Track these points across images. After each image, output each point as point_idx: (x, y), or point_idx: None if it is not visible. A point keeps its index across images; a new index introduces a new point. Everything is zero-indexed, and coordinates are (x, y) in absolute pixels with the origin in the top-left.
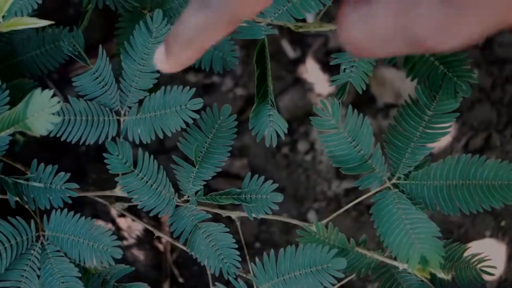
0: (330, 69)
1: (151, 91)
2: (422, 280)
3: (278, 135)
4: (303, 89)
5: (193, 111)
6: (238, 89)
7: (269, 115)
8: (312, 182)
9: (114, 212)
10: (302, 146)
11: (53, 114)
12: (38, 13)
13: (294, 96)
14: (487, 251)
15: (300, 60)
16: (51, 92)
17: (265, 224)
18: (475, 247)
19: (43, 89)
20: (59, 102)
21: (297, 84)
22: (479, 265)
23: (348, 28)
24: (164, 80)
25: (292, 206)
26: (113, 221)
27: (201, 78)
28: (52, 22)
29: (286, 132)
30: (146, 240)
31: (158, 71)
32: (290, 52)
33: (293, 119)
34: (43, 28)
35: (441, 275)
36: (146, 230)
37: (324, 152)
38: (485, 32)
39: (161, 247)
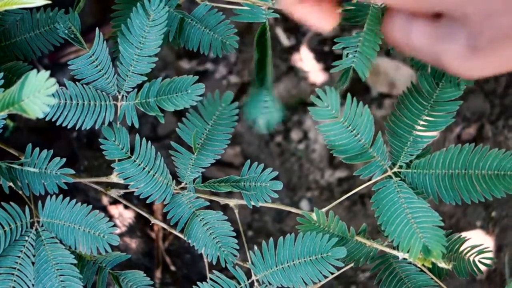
0: (324, 58)
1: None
2: (421, 270)
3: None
4: (297, 77)
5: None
6: (232, 77)
7: (265, 102)
8: (305, 171)
9: (105, 199)
10: (295, 134)
11: (49, 96)
12: None
13: (288, 85)
14: (478, 241)
15: (294, 48)
16: (47, 73)
17: (258, 213)
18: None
19: None
20: (55, 83)
21: (291, 73)
22: (477, 257)
23: (392, 32)
24: (157, 67)
25: (285, 195)
26: (104, 209)
27: (195, 65)
28: (49, 2)
29: (282, 120)
30: (138, 228)
31: (155, 55)
32: (285, 40)
33: (287, 107)
34: (38, 9)
35: (442, 264)
36: (137, 218)
37: (317, 141)
38: (497, 72)
39: (153, 235)
